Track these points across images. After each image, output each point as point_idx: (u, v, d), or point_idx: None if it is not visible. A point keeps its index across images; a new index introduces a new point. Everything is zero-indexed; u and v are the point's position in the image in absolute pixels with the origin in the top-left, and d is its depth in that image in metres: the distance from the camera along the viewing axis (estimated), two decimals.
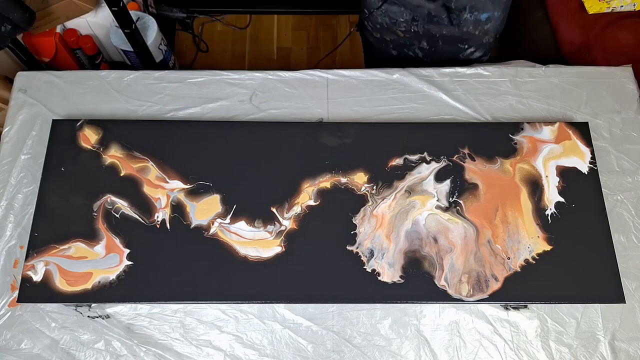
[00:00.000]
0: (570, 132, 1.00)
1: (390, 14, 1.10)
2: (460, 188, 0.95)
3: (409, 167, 0.97)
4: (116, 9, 1.34)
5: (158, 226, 0.92)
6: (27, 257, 0.89)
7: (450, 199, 0.95)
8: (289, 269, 0.90)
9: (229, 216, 0.93)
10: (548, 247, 0.92)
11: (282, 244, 0.91)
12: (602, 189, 0.96)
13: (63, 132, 0.99)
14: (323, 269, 0.90)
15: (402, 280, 0.89)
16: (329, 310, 0.92)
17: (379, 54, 1.31)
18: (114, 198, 0.94)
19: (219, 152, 0.98)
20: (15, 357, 0.87)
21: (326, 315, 0.92)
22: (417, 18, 1.08)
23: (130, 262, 0.89)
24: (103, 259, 0.89)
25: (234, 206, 0.94)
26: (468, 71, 1.10)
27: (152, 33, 1.65)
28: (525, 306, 0.92)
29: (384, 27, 1.14)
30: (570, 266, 0.90)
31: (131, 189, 0.95)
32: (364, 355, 0.90)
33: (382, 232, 0.92)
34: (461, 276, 0.89)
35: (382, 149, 0.98)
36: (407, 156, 0.98)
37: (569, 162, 0.98)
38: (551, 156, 0.98)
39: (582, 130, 1.01)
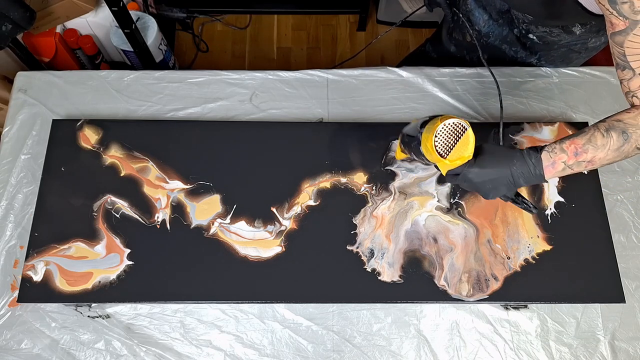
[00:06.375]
0: (570, 131, 1.00)
1: (471, 15, 1.06)
2: (463, 189, 0.95)
3: (408, 168, 0.97)
4: (116, 9, 1.34)
5: (158, 226, 0.92)
6: (27, 257, 0.89)
7: (452, 200, 0.95)
8: (289, 269, 0.90)
9: (229, 216, 0.93)
10: (548, 247, 0.92)
11: (282, 244, 0.91)
12: (602, 189, 0.96)
13: (63, 132, 0.99)
14: (323, 269, 0.90)
15: (402, 280, 0.89)
16: (329, 310, 0.92)
17: (436, 45, 1.27)
18: (114, 198, 0.94)
19: (219, 152, 0.98)
20: (15, 357, 0.87)
21: (326, 315, 0.92)
22: (491, 35, 1.06)
23: (130, 262, 0.89)
24: (103, 259, 0.89)
25: (234, 206, 0.94)
26: (468, 71, 1.10)
27: (152, 33, 1.66)
28: (525, 306, 0.92)
29: (459, 23, 1.11)
30: (570, 266, 0.90)
31: (131, 189, 0.95)
32: (364, 355, 0.90)
33: (382, 232, 0.92)
34: (461, 276, 0.89)
35: (382, 149, 0.98)
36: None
37: None
38: None
39: None
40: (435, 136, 0.72)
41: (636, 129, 0.68)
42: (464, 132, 0.72)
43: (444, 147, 0.73)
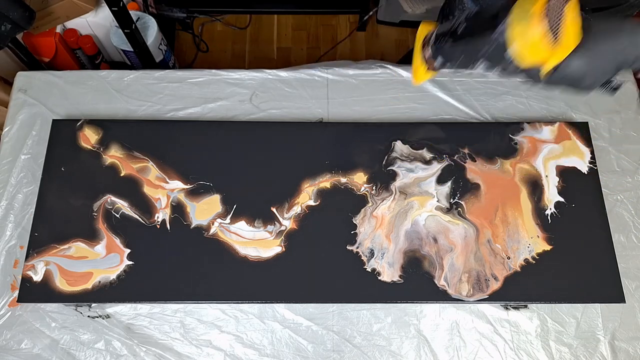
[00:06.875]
0: (570, 132, 1.00)
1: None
2: (463, 189, 0.95)
3: (408, 168, 0.97)
4: (116, 9, 1.34)
5: (158, 226, 0.92)
6: (27, 257, 0.89)
7: (452, 200, 0.95)
8: (289, 269, 0.90)
9: (229, 216, 0.93)
10: (548, 247, 0.92)
11: (282, 244, 0.91)
12: (602, 189, 0.96)
13: (63, 132, 0.99)
14: (323, 268, 0.90)
15: (402, 280, 0.89)
16: (329, 310, 0.92)
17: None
18: (114, 198, 0.94)
19: (219, 152, 0.98)
20: (15, 357, 0.87)
21: (326, 315, 0.92)
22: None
23: (130, 262, 0.89)
24: (103, 259, 0.89)
25: (234, 206, 0.94)
26: (468, 71, 1.10)
27: (152, 33, 1.66)
28: (525, 306, 0.92)
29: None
30: (570, 266, 0.90)
31: (131, 189, 0.95)
32: (364, 355, 0.90)
33: (382, 232, 0.92)
34: (461, 276, 0.89)
35: (384, 149, 0.98)
36: (407, 156, 0.98)
37: (568, 161, 0.98)
38: (551, 156, 0.98)
39: (582, 130, 1.01)
40: (547, 15, 0.51)
41: None
42: None
43: (554, 30, 0.52)
